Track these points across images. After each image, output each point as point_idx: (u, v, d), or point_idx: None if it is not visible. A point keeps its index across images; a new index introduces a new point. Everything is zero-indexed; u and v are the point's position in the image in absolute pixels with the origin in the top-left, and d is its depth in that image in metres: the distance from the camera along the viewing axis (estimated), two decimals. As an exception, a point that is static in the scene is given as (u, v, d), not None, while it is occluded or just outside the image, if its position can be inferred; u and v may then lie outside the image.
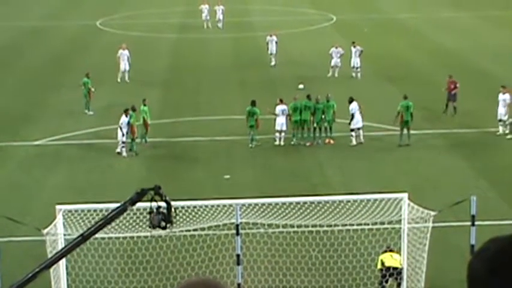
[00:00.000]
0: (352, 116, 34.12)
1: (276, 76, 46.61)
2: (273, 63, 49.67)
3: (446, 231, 24.09)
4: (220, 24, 64.58)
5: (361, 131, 34.32)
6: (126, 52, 46.26)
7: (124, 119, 33.15)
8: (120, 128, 33.06)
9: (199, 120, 37.81)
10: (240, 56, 53.07)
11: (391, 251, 21.28)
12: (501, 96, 34.88)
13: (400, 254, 21.10)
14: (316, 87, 39.77)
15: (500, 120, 34.65)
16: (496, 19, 67.55)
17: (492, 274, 2.76)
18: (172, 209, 14.81)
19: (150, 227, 14.97)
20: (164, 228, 14.82)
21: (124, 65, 46.07)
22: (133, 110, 33.80)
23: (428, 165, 31.70)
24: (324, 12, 72.26)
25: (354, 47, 46.27)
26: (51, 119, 38.25)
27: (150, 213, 14.55)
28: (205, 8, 65.32)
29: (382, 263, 20.86)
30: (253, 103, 34.24)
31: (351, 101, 34.57)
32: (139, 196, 14.50)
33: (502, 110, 34.56)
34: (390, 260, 20.79)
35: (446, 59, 50.85)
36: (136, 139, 33.56)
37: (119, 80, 45.82)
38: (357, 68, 45.94)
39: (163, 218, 14.62)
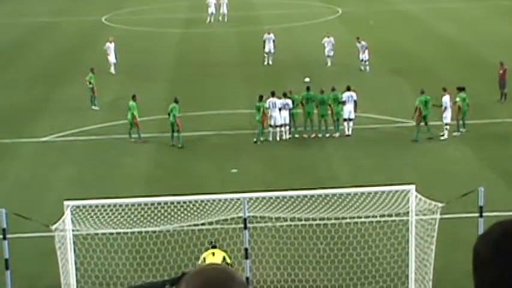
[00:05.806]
0: (344, 103, 34.13)
1: (282, 70, 46.52)
2: (268, 62, 47.86)
3: (454, 223, 24.06)
4: (223, 18, 64.33)
5: (351, 123, 34.26)
6: (112, 45, 46.54)
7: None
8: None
9: (205, 114, 37.81)
10: (245, 50, 52.98)
11: (214, 247, 20.93)
12: (444, 99, 33.79)
13: (225, 252, 20.85)
14: (324, 81, 39.69)
15: (446, 124, 33.76)
16: (504, 9, 67.31)
17: (497, 256, 2.78)
18: None
19: None
20: None
21: (112, 58, 46.44)
22: (176, 101, 33.68)
23: (436, 156, 31.66)
24: (329, 5, 72.13)
25: (359, 42, 46.00)
26: (58, 115, 38.29)
27: None
28: (212, 2, 65.17)
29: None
30: (260, 98, 34.18)
31: (347, 89, 34.63)
32: (181, 280, 14.59)
33: (444, 113, 33.60)
34: (212, 259, 20.24)
35: (453, 51, 50.73)
36: (179, 132, 33.30)
37: (113, 72, 46.05)
38: (365, 61, 45.74)
39: None
